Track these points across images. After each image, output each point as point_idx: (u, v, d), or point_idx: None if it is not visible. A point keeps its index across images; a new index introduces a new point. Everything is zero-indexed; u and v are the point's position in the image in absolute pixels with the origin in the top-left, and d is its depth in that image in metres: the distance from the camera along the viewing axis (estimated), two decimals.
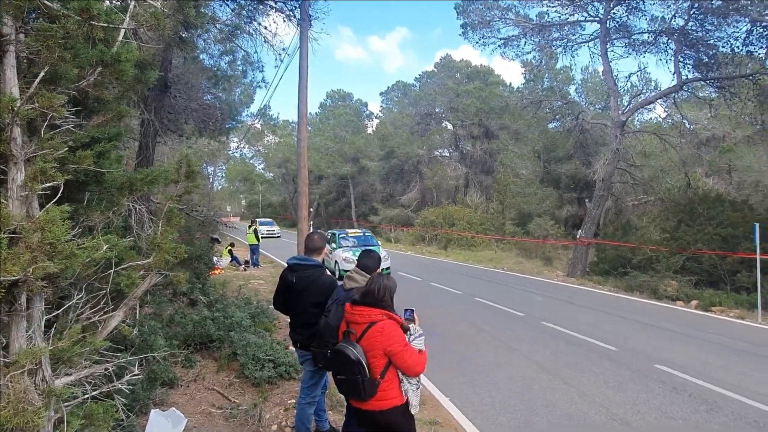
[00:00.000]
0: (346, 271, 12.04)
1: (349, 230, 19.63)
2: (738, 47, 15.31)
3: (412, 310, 3.75)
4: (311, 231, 6.20)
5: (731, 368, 7.36)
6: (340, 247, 17.04)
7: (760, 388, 6.43)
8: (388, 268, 15.37)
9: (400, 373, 3.31)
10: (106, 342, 2.87)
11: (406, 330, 3.41)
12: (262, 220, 40.56)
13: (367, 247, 14.73)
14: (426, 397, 6.35)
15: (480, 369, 7.48)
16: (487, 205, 30.97)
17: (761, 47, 14.89)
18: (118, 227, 3.78)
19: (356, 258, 12.75)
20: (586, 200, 24.40)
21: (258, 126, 39.76)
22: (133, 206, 4.08)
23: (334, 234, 18.12)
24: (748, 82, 15.41)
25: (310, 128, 45.07)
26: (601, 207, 19.23)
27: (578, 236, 19.00)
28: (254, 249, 19.86)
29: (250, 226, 20.69)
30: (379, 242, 18.28)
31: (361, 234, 18.70)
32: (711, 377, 6.86)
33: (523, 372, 7.31)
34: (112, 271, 3.03)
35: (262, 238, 20.92)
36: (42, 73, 2.71)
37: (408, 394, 3.33)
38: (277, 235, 38.70)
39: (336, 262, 16.62)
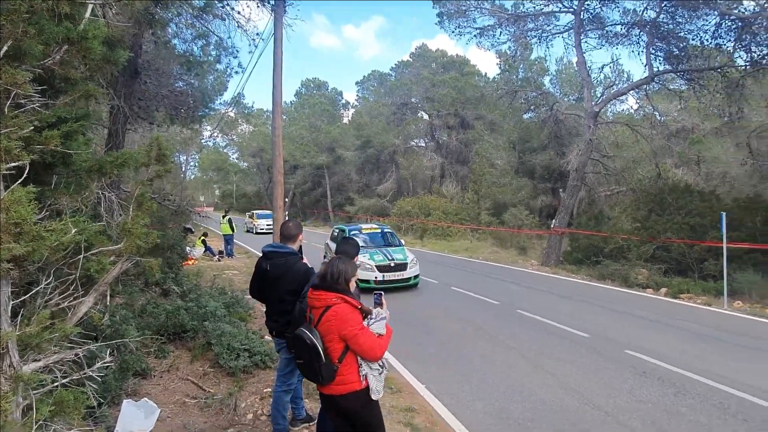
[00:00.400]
0: (363, 281, 10.76)
1: (363, 225, 15.51)
2: (707, 40, 15.61)
3: (381, 294, 3.74)
4: (286, 219, 6.14)
5: (699, 353, 7.56)
6: None
7: (726, 372, 6.61)
8: (417, 276, 12.67)
9: (359, 358, 3.28)
10: (77, 328, 2.79)
11: (367, 314, 3.39)
12: (260, 212, 36.22)
13: (390, 247, 13.07)
14: (402, 385, 6.39)
15: (456, 356, 7.53)
16: (463, 195, 31.13)
17: (729, 40, 15.20)
18: (87, 215, 3.67)
19: (374, 263, 10.80)
20: (560, 190, 24.75)
21: (232, 114, 39.00)
22: (102, 194, 3.97)
23: (343, 230, 14.35)
24: (717, 75, 15.73)
25: (285, 117, 44.60)
26: (574, 197, 19.51)
27: (552, 226, 19.27)
28: (228, 239, 19.63)
29: (224, 216, 20.43)
30: (403, 242, 14.46)
31: (379, 230, 14.57)
32: (679, 362, 7.03)
33: (498, 359, 7.39)
34: (82, 256, 2.94)
35: (260, 233, 20.33)
36: (5, 48, 2.59)
37: (369, 379, 3.30)
38: None
39: None
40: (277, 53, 10.77)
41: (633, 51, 17.96)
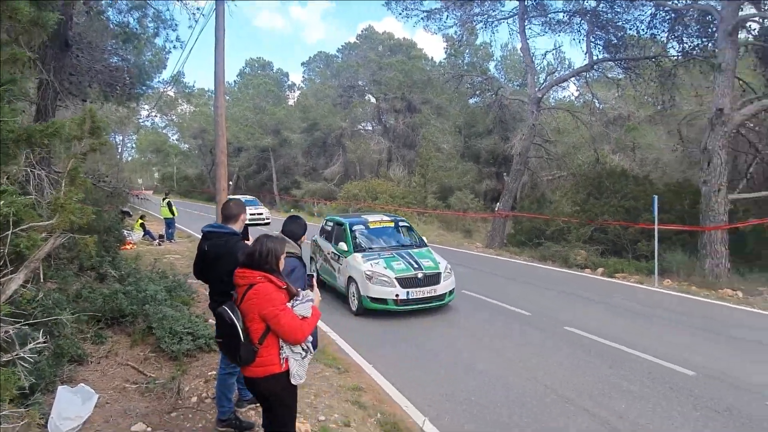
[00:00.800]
0: (378, 300, 8.60)
1: (369, 217, 10.63)
2: (643, 30, 16.27)
3: (312, 276, 3.67)
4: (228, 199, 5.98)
5: (631, 328, 7.98)
6: (358, 251, 9.38)
7: (656, 345, 7.02)
8: (452, 291, 9.08)
9: (281, 340, 3.19)
10: (7, 307, 2.60)
11: (293, 295, 3.30)
12: (245, 198, 29.25)
13: (411, 249, 9.60)
14: (349, 365, 6.44)
15: (403, 336, 7.61)
16: (410, 178, 31.31)
17: (663, 31, 15.88)
18: (14, 193, 3.42)
19: (393, 273, 8.53)
20: (504, 174, 25.28)
21: (171, 93, 37.16)
22: (31, 171, 3.70)
23: (342, 225, 10.14)
24: (651, 64, 16.40)
25: (228, 98, 43.30)
26: (518, 181, 20.01)
27: (496, 209, 19.71)
28: (169, 223, 18.97)
29: (164, 199, 19.71)
30: (426, 240, 10.70)
31: (392, 224, 10.48)
32: (613, 337, 7.40)
33: (444, 338, 7.53)
34: (10, 231, 2.74)
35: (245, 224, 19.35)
36: None
37: (289, 363, 3.20)
38: (265, 221, 26.94)
39: (351, 279, 9.05)
40: (219, 29, 10.37)
41: (574, 39, 18.49)
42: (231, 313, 3.16)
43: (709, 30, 14.43)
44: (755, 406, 5.17)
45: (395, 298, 8.48)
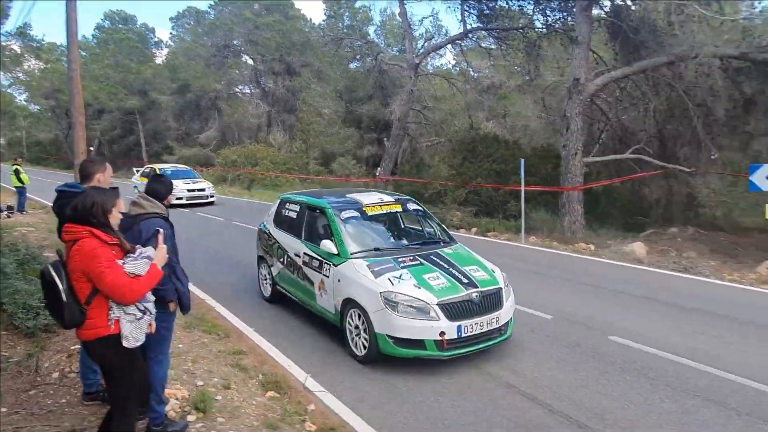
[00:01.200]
0: (409, 341, 5.09)
1: (362, 197, 6.67)
2: (512, 2, 17.07)
3: (158, 231, 3.41)
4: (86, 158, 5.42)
5: None
6: (357, 255, 5.80)
7: (519, 294, 7.54)
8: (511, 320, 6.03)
9: (111, 301, 2.99)
10: None
11: (128, 251, 3.09)
12: (171, 168, 22.01)
13: (440, 247, 6.31)
14: (230, 330, 6.36)
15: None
16: (291, 144, 30.75)
17: (529, 3, 16.79)
18: None
19: (434, 296, 5.26)
20: (385, 140, 25.68)
21: (16, 48, 32.62)
22: None
23: (321, 210, 6.46)
24: (519, 35, 17.33)
25: (85, 53, 39.17)
26: (398, 146, 20.45)
27: (377, 174, 20.04)
28: (21, 192, 16.96)
29: (12, 166, 17.54)
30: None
31: (398, 207, 6.71)
32: None
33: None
34: None
35: (179, 205, 17.44)
36: None
37: (120, 324, 2.99)
38: (207, 199, 20.04)
39: (352, 303, 5.49)
40: None
41: (450, 7, 19.01)
42: (53, 272, 2.91)
43: (569, 4, 15.48)
44: (600, 341, 5.96)
45: (439, 337, 5.06)
